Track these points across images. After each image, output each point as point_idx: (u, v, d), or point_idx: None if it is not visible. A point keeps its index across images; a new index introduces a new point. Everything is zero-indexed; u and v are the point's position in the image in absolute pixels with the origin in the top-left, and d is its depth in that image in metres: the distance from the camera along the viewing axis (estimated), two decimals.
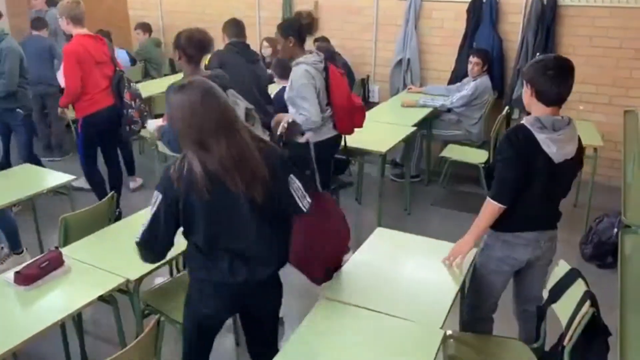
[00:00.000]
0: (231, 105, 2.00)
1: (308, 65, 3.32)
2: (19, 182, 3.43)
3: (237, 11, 6.50)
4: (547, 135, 2.24)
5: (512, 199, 2.31)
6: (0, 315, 2.16)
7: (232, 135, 1.88)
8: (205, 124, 1.85)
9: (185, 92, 1.88)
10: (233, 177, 1.86)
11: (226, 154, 1.85)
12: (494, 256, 2.46)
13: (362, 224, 4.60)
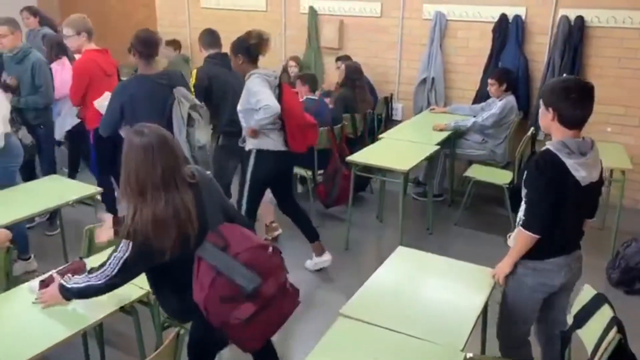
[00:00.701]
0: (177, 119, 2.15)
1: (262, 77, 3.45)
2: (46, 192, 3.50)
3: (263, 29, 6.59)
4: (575, 160, 2.21)
5: (545, 228, 2.27)
6: (24, 323, 2.19)
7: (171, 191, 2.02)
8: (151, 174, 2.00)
9: (143, 137, 2.01)
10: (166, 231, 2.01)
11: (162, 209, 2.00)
12: (526, 285, 2.41)
13: (383, 242, 4.58)
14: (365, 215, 4.87)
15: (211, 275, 2.00)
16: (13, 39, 4.09)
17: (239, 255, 2.02)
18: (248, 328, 2.02)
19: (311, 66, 6.29)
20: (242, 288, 1.98)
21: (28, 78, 4.19)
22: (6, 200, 3.35)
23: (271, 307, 2.07)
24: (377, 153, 4.33)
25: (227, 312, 2.00)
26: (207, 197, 2.16)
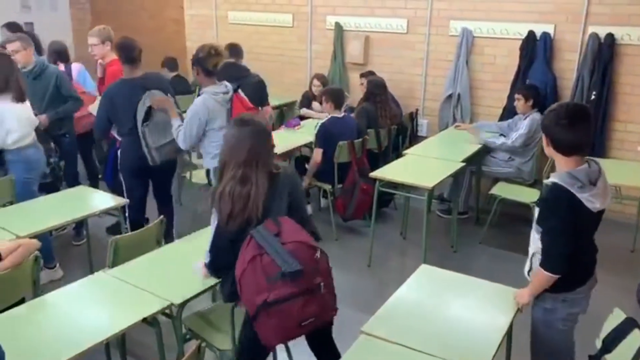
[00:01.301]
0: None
1: (209, 95, 3.52)
2: (74, 203, 3.56)
3: (289, 44, 6.68)
4: (589, 194, 2.16)
5: (565, 267, 2.22)
6: (48, 332, 2.22)
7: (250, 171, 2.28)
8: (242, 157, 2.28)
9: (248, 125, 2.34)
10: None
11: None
12: (558, 318, 2.36)
13: (407, 259, 4.53)
14: (388, 232, 4.83)
15: (254, 253, 2.12)
16: (26, 54, 4.19)
17: (286, 244, 2.13)
18: (270, 316, 2.08)
19: (336, 82, 6.31)
20: (280, 269, 2.05)
21: (52, 90, 4.29)
22: (34, 211, 3.42)
23: (297, 300, 2.09)
24: (402, 169, 4.31)
25: (255, 290, 2.09)
26: (280, 190, 2.36)
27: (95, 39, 4.45)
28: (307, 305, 2.12)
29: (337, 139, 4.60)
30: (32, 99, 4.18)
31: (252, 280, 2.11)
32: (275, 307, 2.06)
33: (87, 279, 2.65)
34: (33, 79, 4.23)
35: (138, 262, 2.77)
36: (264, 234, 2.16)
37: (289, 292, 2.06)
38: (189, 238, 3.14)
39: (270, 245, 2.11)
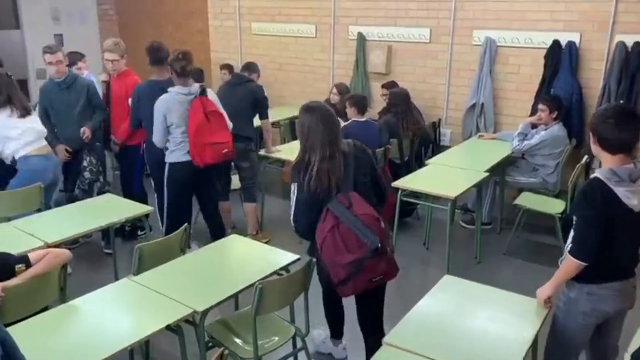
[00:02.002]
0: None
1: (171, 94, 3.82)
2: (101, 210, 3.62)
3: (312, 54, 6.73)
4: (625, 189, 2.18)
5: (593, 256, 2.24)
6: (73, 338, 2.26)
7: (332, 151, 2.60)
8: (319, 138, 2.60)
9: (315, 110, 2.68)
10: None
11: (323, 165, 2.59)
12: (579, 310, 2.35)
13: (429, 270, 4.49)
14: (411, 242, 4.80)
15: (332, 223, 2.54)
16: (63, 66, 4.34)
17: (358, 216, 2.53)
18: (347, 274, 2.53)
19: (358, 92, 6.31)
20: (360, 241, 2.50)
21: (83, 100, 4.39)
22: (62, 218, 3.49)
23: (371, 261, 2.52)
24: (425, 178, 4.29)
25: (335, 252, 2.53)
26: (350, 166, 2.66)
27: (116, 54, 4.55)
28: (378, 265, 2.55)
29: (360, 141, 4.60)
30: (64, 108, 4.36)
31: (332, 244, 2.54)
32: (357, 265, 2.51)
33: (112, 286, 2.70)
34: (66, 88, 4.34)
35: (162, 269, 2.81)
36: (338, 207, 2.56)
37: (363, 255, 2.49)
38: (213, 246, 3.17)
39: (345, 216, 2.53)
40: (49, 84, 4.42)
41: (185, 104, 3.81)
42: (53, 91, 4.38)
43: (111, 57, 4.55)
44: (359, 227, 2.51)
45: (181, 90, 3.82)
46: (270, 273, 2.78)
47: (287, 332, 2.80)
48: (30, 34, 7.98)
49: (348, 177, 2.65)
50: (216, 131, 3.86)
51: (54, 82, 4.37)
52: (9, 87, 3.88)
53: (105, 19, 8.84)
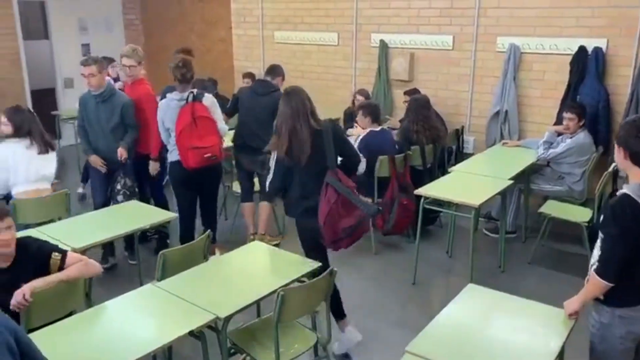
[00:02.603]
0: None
1: (167, 99, 4.08)
2: (126, 217, 3.68)
3: (334, 62, 6.75)
4: None
5: (619, 277, 2.16)
6: (97, 343, 2.29)
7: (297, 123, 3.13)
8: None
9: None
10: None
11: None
12: (615, 335, 2.27)
13: (452, 278, 4.45)
14: (433, 250, 4.76)
15: (336, 196, 3.11)
16: (100, 78, 4.22)
17: (350, 187, 3.17)
18: (346, 233, 3.17)
19: (380, 99, 6.32)
20: (360, 209, 3.17)
21: (117, 117, 4.30)
22: (87, 224, 3.55)
23: (364, 224, 3.27)
24: (448, 186, 4.25)
25: (339, 219, 3.11)
26: (327, 142, 3.17)
27: (133, 60, 4.47)
28: (365, 227, 3.30)
29: (376, 153, 4.63)
30: (97, 122, 4.32)
31: (337, 213, 3.11)
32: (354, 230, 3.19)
33: (136, 292, 2.73)
34: (102, 102, 4.27)
35: (185, 275, 2.83)
36: (335, 182, 3.13)
37: (357, 220, 3.17)
38: (235, 253, 3.19)
39: (345, 191, 3.13)
40: (86, 95, 4.36)
41: (177, 109, 3.96)
42: (89, 103, 4.33)
43: (128, 63, 4.47)
44: (353, 197, 3.14)
45: (175, 97, 4.01)
46: (291, 280, 2.78)
47: (309, 340, 2.79)
48: (59, 43, 8.17)
49: (331, 154, 3.18)
50: (203, 136, 3.95)
51: (90, 94, 4.31)
52: (31, 122, 3.92)
53: (131, 28, 9.01)
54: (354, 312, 3.78)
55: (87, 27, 8.48)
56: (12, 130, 3.85)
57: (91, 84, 4.23)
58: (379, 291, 4.16)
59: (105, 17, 8.68)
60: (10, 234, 2.44)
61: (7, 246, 2.44)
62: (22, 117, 3.89)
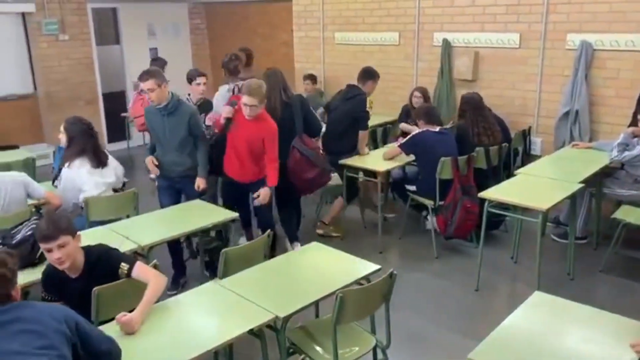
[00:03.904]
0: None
1: (224, 89, 4.89)
2: (190, 216, 3.78)
3: (395, 62, 6.68)
4: None
5: None
6: (162, 337, 2.36)
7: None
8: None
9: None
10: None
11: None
12: None
13: (518, 285, 4.29)
14: (498, 255, 4.61)
15: (298, 156, 4.34)
16: (160, 92, 3.97)
17: (314, 149, 4.44)
18: (308, 183, 4.49)
19: (443, 99, 6.19)
20: (322, 167, 4.45)
21: (184, 128, 4.08)
22: (153, 222, 3.68)
23: (324, 177, 4.57)
24: (514, 189, 4.10)
25: (302, 172, 4.37)
26: (295, 112, 4.37)
27: (256, 99, 3.99)
28: (323, 177, 4.53)
29: (432, 152, 4.58)
30: (164, 135, 4.11)
31: (300, 168, 4.36)
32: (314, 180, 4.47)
33: (199, 289, 2.79)
34: (168, 115, 4.04)
35: (246, 274, 2.87)
36: (300, 145, 4.36)
37: (318, 172, 4.43)
38: (295, 253, 3.21)
39: (306, 151, 4.35)
40: (150, 108, 4.16)
41: (226, 96, 4.71)
42: (154, 117, 4.12)
43: (250, 102, 3.95)
44: (314, 157, 4.38)
45: (228, 87, 4.76)
46: (351, 282, 2.76)
47: (368, 343, 2.76)
48: (129, 48, 8.54)
49: (299, 122, 4.37)
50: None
51: (155, 107, 4.08)
52: (86, 136, 3.87)
53: (197, 33, 9.28)
54: (413, 317, 3.73)
55: (155, 32, 8.81)
56: (66, 141, 3.89)
57: (151, 99, 4.05)
58: (440, 296, 4.07)
59: (172, 22, 8.99)
60: (62, 252, 2.43)
61: (61, 264, 2.47)
62: (78, 129, 3.88)
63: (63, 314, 1.96)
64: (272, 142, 4.10)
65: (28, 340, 1.82)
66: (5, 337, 1.81)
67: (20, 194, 3.63)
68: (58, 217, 2.62)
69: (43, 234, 2.41)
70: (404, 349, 3.34)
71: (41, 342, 1.83)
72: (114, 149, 8.39)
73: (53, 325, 1.88)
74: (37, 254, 2.93)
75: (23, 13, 7.53)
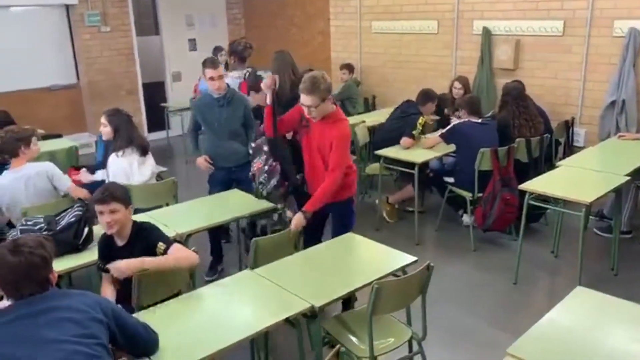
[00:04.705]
0: None
1: (234, 76, 5.18)
2: (229, 205, 3.81)
3: (433, 51, 6.57)
4: None
5: None
6: (200, 322, 2.40)
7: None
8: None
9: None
10: None
11: None
12: None
13: (558, 280, 4.19)
14: (537, 249, 4.50)
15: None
16: (222, 82, 4.07)
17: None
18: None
19: (482, 88, 6.06)
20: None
21: (239, 117, 4.13)
22: (193, 210, 3.73)
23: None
24: (555, 181, 3.99)
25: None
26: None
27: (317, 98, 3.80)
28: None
29: (472, 142, 4.50)
30: (218, 125, 4.13)
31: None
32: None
33: (235, 276, 2.83)
34: (225, 105, 4.09)
35: (281, 262, 2.89)
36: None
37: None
38: (330, 243, 3.21)
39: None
40: (207, 99, 4.18)
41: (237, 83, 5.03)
42: (210, 107, 4.12)
43: (308, 103, 3.30)
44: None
45: (239, 73, 5.08)
46: (386, 273, 2.75)
47: (404, 335, 2.74)
48: (167, 38, 8.65)
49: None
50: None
51: (212, 98, 4.11)
52: (128, 125, 3.97)
53: (234, 23, 9.34)
54: (450, 310, 3.68)
55: (193, 23, 8.90)
56: (111, 132, 3.96)
57: (220, 88, 4.06)
58: (478, 289, 4.01)
59: (210, 13, 9.06)
60: (112, 217, 2.63)
61: (110, 227, 2.66)
62: (120, 119, 3.97)
63: (97, 300, 2.00)
64: (336, 147, 3.24)
65: (66, 328, 1.83)
66: (44, 325, 1.82)
67: (45, 184, 3.68)
68: (115, 186, 2.84)
69: (98, 197, 2.66)
70: (440, 341, 3.30)
71: (80, 331, 1.85)
72: (153, 138, 8.55)
73: (90, 314, 1.90)
74: (80, 239, 3.03)
75: (67, 5, 7.72)
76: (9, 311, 1.86)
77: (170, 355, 2.13)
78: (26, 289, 1.87)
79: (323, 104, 3.20)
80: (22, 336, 1.79)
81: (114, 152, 3.92)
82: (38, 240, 1.93)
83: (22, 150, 3.68)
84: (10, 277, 1.86)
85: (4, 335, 1.80)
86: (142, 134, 4.18)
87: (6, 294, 1.93)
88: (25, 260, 1.84)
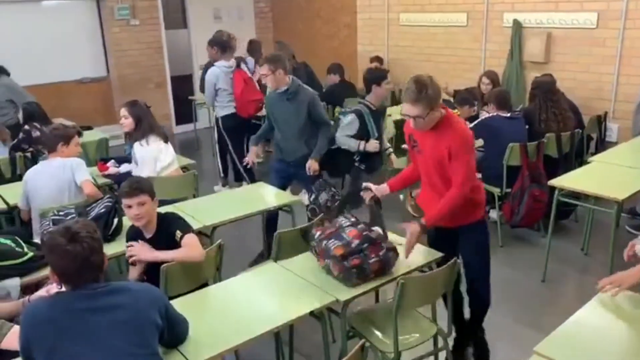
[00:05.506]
0: None
1: (218, 67, 5.35)
2: (253, 198, 3.84)
3: (462, 44, 6.48)
4: None
5: None
6: (226, 314, 2.42)
7: None
8: None
9: None
10: None
11: None
12: None
13: (588, 278, 4.09)
14: (567, 246, 4.42)
15: None
16: (274, 78, 3.97)
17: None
18: None
19: (512, 82, 5.96)
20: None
21: (303, 114, 4.03)
22: (217, 203, 3.76)
23: None
24: (586, 177, 3.90)
25: None
26: (300, 76, 4.32)
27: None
28: None
29: (501, 137, 4.41)
30: (283, 121, 4.11)
31: None
32: None
33: (260, 269, 2.85)
34: (287, 100, 4.03)
35: (306, 256, 2.89)
36: None
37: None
38: None
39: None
40: (272, 93, 4.17)
41: (228, 74, 5.31)
42: (275, 101, 4.13)
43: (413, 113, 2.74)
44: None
45: (225, 64, 5.29)
46: (412, 269, 2.73)
47: (429, 331, 2.73)
48: (195, 32, 8.72)
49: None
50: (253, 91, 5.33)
51: (275, 92, 4.10)
52: (148, 115, 4.07)
53: (261, 16, 9.35)
54: None
55: (221, 16, 8.94)
56: (133, 123, 4.00)
57: (268, 85, 4.11)
58: (505, 286, 3.95)
59: (237, 6, 9.09)
60: (140, 209, 2.66)
61: (138, 220, 2.70)
62: (140, 111, 4.05)
63: (154, 297, 1.98)
64: (456, 156, 2.65)
65: (127, 334, 1.82)
66: (108, 326, 1.81)
67: (68, 177, 3.68)
68: (141, 179, 2.91)
69: (125, 191, 2.69)
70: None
71: (138, 338, 1.84)
72: (181, 130, 8.65)
73: (148, 316, 1.89)
74: (110, 230, 3.08)
75: None
76: (69, 299, 1.84)
77: (194, 346, 2.15)
78: (88, 275, 1.85)
79: (432, 112, 2.63)
80: (82, 332, 1.78)
81: (137, 141, 3.99)
82: (89, 225, 1.91)
83: (61, 147, 3.75)
84: (72, 267, 1.81)
85: (66, 325, 1.78)
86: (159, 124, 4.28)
87: (64, 282, 1.88)
88: (86, 246, 1.81)
